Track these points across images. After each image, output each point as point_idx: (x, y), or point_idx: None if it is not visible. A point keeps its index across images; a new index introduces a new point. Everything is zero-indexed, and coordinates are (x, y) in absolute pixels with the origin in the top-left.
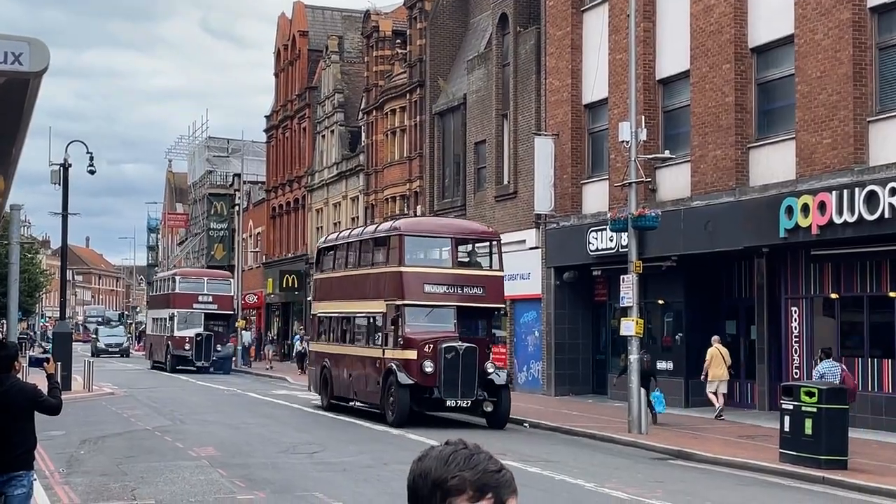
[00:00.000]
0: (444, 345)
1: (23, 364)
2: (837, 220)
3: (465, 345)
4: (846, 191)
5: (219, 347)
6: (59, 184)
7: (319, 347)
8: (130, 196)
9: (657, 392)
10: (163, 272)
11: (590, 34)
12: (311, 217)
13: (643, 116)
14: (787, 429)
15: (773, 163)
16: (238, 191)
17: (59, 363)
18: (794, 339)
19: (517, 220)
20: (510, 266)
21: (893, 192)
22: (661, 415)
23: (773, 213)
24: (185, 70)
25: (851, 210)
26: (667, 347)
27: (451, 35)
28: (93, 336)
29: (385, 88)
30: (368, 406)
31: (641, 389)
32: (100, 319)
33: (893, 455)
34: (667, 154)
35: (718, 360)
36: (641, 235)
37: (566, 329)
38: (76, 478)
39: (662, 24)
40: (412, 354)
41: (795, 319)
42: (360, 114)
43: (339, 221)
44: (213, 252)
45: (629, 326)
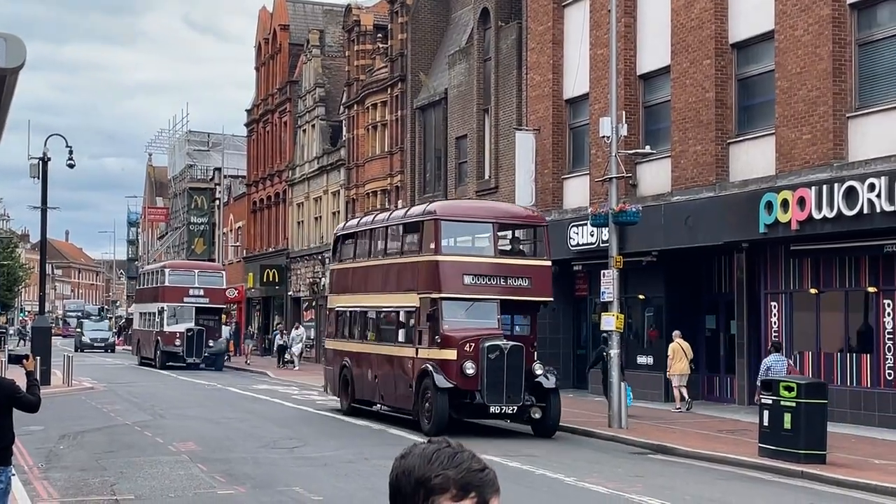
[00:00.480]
0: (487, 343)
1: (1, 359)
2: (817, 216)
3: (511, 343)
4: (825, 186)
5: (210, 343)
6: (39, 177)
7: (338, 345)
8: (110, 190)
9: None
10: (151, 264)
11: (571, 29)
12: (292, 211)
13: (624, 112)
14: (767, 423)
15: (753, 158)
16: (218, 185)
17: (39, 358)
18: (774, 334)
19: None
20: None
21: (872, 188)
22: (633, 408)
23: (753, 209)
24: (167, 64)
25: (830, 205)
26: (648, 342)
27: (433, 30)
28: (77, 330)
29: (366, 83)
30: (396, 411)
31: (622, 384)
32: (80, 314)
33: (872, 449)
34: (647, 149)
35: (680, 355)
36: (622, 230)
37: (547, 324)
38: (55, 473)
39: (643, 20)
40: (451, 354)
41: (775, 314)
42: (341, 108)
43: (320, 216)
44: (194, 246)
45: (609, 321)
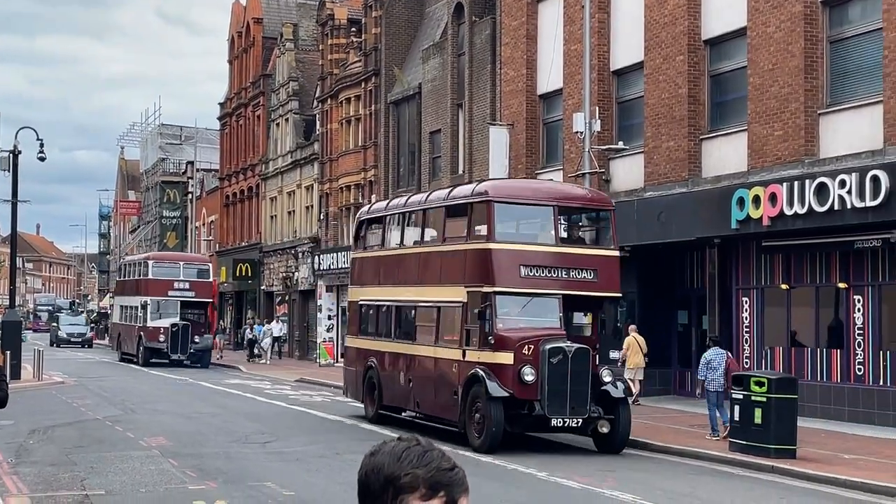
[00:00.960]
0: (549, 345)
1: None
2: (788, 212)
3: (576, 346)
4: (797, 182)
5: (196, 339)
6: (9, 170)
7: (362, 343)
8: (82, 183)
9: None
10: (132, 255)
11: (545, 25)
12: (265, 205)
13: (597, 107)
14: (737, 418)
15: (726, 154)
16: (191, 179)
17: (9, 352)
18: (745, 330)
19: None
20: None
21: (843, 185)
22: None
23: (725, 205)
24: (140, 57)
25: (802, 202)
26: (620, 337)
27: (407, 24)
28: (53, 325)
29: (340, 77)
30: (436, 421)
31: None
32: (51, 308)
33: (842, 444)
34: (620, 145)
35: (636, 349)
36: None
37: None
38: (25, 468)
39: (617, 16)
40: (506, 358)
41: (746, 310)
42: (315, 102)
43: (293, 211)
44: (166, 240)
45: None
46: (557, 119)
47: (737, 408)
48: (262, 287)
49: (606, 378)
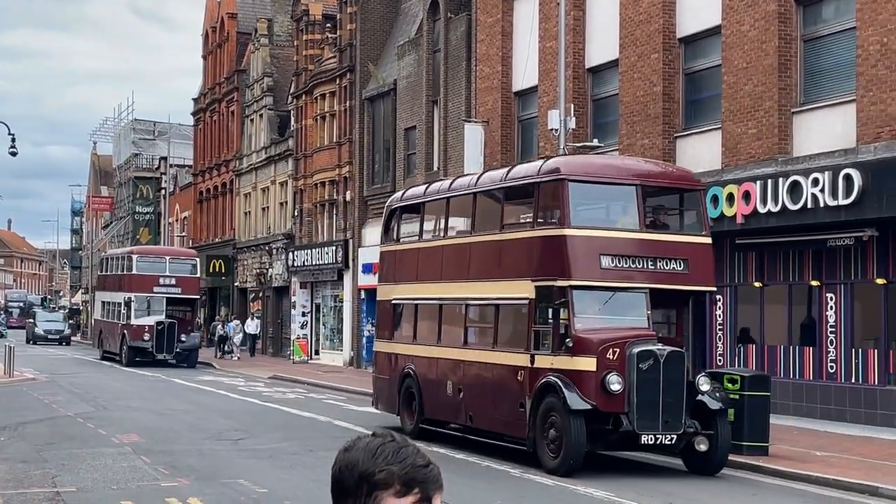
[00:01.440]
0: (638, 348)
1: None
2: (762, 210)
3: (668, 349)
4: (770, 181)
5: (183, 338)
6: None
7: (397, 348)
8: (55, 178)
9: None
10: (115, 248)
11: (520, 22)
12: (239, 201)
13: (572, 105)
14: None
15: (700, 152)
16: (164, 174)
17: None
18: (719, 327)
19: None
20: None
21: (816, 183)
22: None
23: None
24: (113, 52)
25: (775, 200)
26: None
27: (382, 20)
28: (29, 322)
29: (315, 73)
30: (492, 437)
31: None
32: (22, 304)
33: (814, 441)
34: (595, 143)
35: None
36: None
37: None
38: None
39: (592, 13)
40: (587, 363)
41: (720, 307)
42: (290, 98)
43: (268, 207)
44: (139, 236)
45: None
46: (532, 116)
47: None
48: (236, 284)
49: (704, 387)
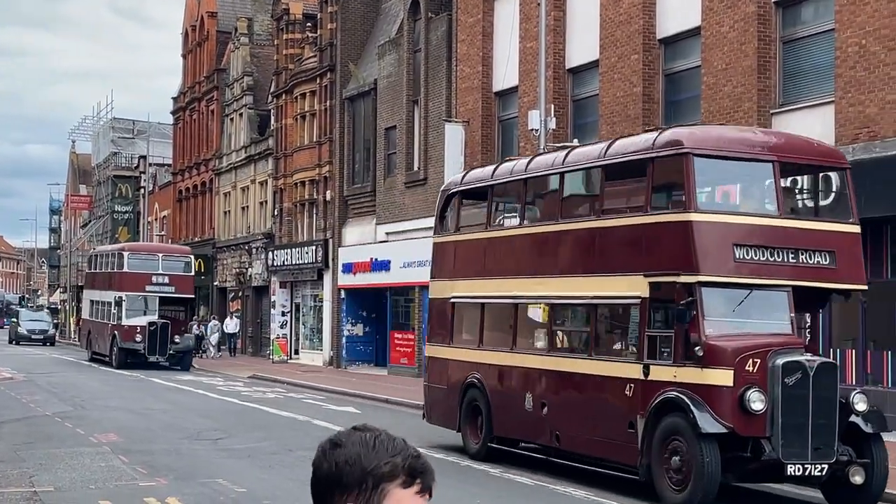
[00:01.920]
0: (783, 359)
1: None
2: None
3: (819, 359)
4: None
5: (177, 339)
6: None
7: (458, 354)
8: (33, 177)
9: None
10: (104, 245)
11: (501, 22)
12: (219, 201)
13: (552, 105)
14: None
15: None
16: (144, 173)
17: None
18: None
19: (427, 207)
20: (417, 253)
21: (794, 184)
22: None
23: None
24: (92, 50)
25: None
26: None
27: (363, 19)
28: (12, 321)
29: (295, 72)
30: (586, 461)
31: None
32: None
33: None
34: (575, 143)
35: None
36: None
37: None
38: None
39: (572, 14)
40: (723, 377)
41: None
42: (270, 97)
43: (247, 206)
44: (118, 235)
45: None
46: (513, 116)
47: None
48: (216, 283)
49: (860, 406)
